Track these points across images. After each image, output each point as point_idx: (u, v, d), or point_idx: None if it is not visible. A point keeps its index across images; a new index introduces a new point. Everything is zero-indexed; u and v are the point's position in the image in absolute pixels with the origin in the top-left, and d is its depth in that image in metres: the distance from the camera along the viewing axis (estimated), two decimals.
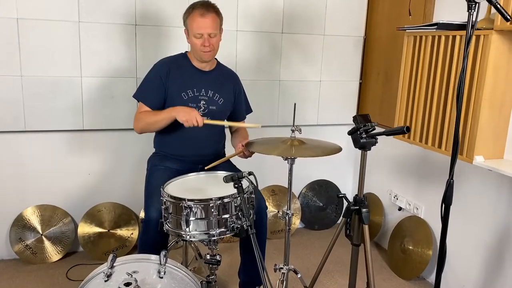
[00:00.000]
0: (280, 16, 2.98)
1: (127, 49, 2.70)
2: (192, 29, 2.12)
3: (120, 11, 2.64)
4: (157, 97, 2.19)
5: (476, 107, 2.07)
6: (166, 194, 1.81)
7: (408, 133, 2.50)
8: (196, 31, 2.11)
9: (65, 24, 2.56)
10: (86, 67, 2.64)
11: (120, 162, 2.90)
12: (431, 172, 2.70)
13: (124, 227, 2.91)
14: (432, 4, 2.62)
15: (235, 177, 1.71)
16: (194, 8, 2.12)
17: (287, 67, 3.09)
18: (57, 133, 2.72)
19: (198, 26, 2.10)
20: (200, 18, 2.09)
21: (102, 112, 2.73)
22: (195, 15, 2.10)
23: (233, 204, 1.80)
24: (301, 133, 2.00)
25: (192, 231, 1.79)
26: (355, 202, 1.78)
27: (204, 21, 2.10)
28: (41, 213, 2.77)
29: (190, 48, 2.23)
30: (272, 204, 3.25)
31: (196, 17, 2.10)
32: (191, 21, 2.12)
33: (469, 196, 2.40)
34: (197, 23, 2.10)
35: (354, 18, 3.15)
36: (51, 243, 2.78)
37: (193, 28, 2.11)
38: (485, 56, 2.01)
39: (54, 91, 2.61)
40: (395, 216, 3.04)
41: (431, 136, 2.33)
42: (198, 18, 2.10)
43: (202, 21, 2.10)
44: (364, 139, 1.65)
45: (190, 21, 2.13)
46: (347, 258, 2.03)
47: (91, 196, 2.88)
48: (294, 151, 1.89)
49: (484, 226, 2.33)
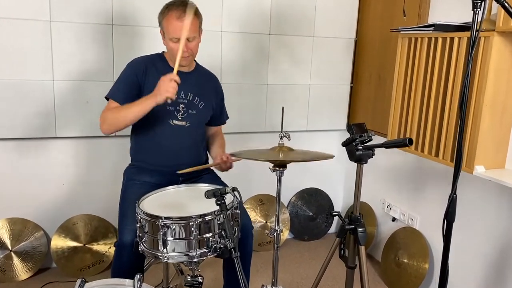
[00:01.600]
0: (267, 16, 2.82)
1: (103, 51, 2.51)
2: (169, 32, 1.92)
3: (95, 10, 2.45)
4: (128, 94, 1.95)
5: (477, 114, 1.94)
6: (141, 211, 1.64)
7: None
8: (173, 35, 1.91)
9: (35, 24, 2.36)
10: (58, 70, 2.45)
11: (96, 171, 2.70)
12: (427, 181, 2.57)
13: (102, 240, 2.72)
14: (427, 4, 2.49)
15: (217, 193, 1.55)
16: (170, 9, 1.91)
17: (275, 70, 2.93)
18: (27, 140, 2.52)
19: (175, 30, 1.89)
20: (177, 21, 1.88)
21: (76, 118, 2.54)
22: (171, 18, 1.90)
23: (215, 222, 1.63)
24: (290, 140, 1.83)
25: (170, 252, 1.62)
26: (350, 221, 1.62)
27: (181, 24, 1.87)
28: (10, 227, 2.57)
29: (167, 50, 2.05)
30: (259, 214, 3.09)
31: (173, 20, 1.89)
32: (167, 23, 1.92)
33: (469, 208, 2.27)
34: (173, 27, 1.89)
35: (345, 19, 3.01)
36: (21, 260, 2.57)
37: (169, 32, 1.92)
38: (486, 59, 1.89)
39: (23, 96, 2.41)
40: (388, 227, 2.90)
41: (427, 144, 2.21)
42: (175, 21, 1.89)
43: (179, 24, 1.88)
44: (360, 151, 1.50)
45: (166, 24, 1.92)
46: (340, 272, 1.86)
47: (65, 208, 2.68)
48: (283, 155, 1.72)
49: (485, 239, 2.20)
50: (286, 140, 1.85)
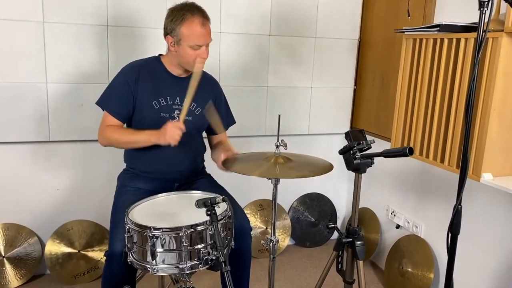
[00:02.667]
0: (267, 17, 2.74)
1: (98, 52, 2.45)
2: (190, 40, 1.84)
3: (90, 10, 2.39)
4: (123, 107, 1.93)
5: (484, 119, 1.85)
6: (130, 221, 1.57)
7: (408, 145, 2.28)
8: (197, 42, 1.85)
9: (28, 25, 2.30)
10: (52, 72, 2.39)
11: (91, 176, 2.64)
12: (432, 188, 2.47)
13: (97, 247, 2.65)
14: (433, 4, 2.40)
15: (207, 203, 1.47)
16: (191, 15, 1.83)
17: (275, 73, 2.84)
18: (20, 144, 2.46)
19: (200, 37, 1.85)
20: (202, 29, 1.84)
21: (70, 121, 2.47)
22: (195, 25, 1.83)
23: (207, 233, 1.56)
24: (286, 149, 1.75)
25: (160, 264, 1.54)
26: (348, 233, 1.53)
27: (205, 31, 1.86)
28: (4, 233, 2.51)
29: (173, 56, 1.94)
30: (259, 220, 3.01)
31: (197, 27, 1.83)
32: (188, 31, 1.83)
33: (476, 218, 2.17)
34: (198, 34, 1.84)
35: (348, 19, 2.92)
36: (14, 267, 2.51)
37: (191, 39, 1.84)
38: (494, 61, 1.79)
39: (16, 99, 2.36)
40: (392, 234, 2.80)
41: (432, 149, 2.11)
42: (200, 29, 1.84)
43: (204, 31, 1.85)
44: (358, 160, 1.41)
45: (186, 31, 1.83)
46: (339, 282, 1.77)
47: (60, 213, 2.62)
48: (279, 170, 1.64)
49: (492, 251, 2.10)
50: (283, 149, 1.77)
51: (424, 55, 2.13)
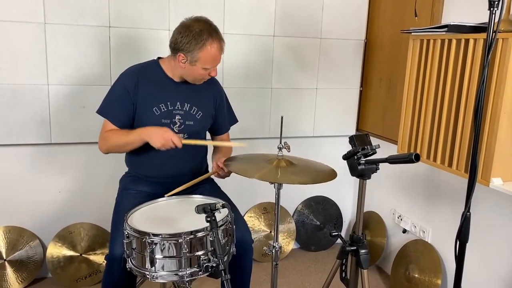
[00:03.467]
0: (271, 18, 2.70)
1: (100, 54, 2.42)
2: (206, 63, 1.83)
3: (91, 11, 2.36)
4: (124, 114, 1.90)
5: (494, 122, 1.79)
6: (129, 226, 1.53)
7: (415, 148, 2.23)
8: (212, 65, 1.85)
9: (29, 26, 2.28)
10: (53, 74, 2.37)
11: (93, 178, 2.61)
12: (440, 192, 2.41)
13: (99, 250, 2.63)
14: (440, 3, 2.35)
15: (207, 209, 1.43)
16: (210, 40, 1.80)
17: (280, 74, 2.80)
18: (21, 147, 2.44)
19: (214, 61, 1.85)
20: (218, 53, 1.84)
21: (72, 123, 2.45)
22: (214, 50, 1.81)
23: (208, 239, 1.52)
24: (289, 151, 1.71)
25: (159, 270, 1.51)
26: (352, 241, 1.48)
27: (220, 55, 1.86)
28: (5, 236, 2.49)
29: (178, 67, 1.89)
30: (264, 223, 2.97)
31: (215, 51, 1.82)
32: (206, 55, 1.81)
33: (485, 224, 2.11)
34: (214, 58, 1.84)
35: (354, 20, 2.87)
36: (15, 270, 2.49)
37: (207, 62, 1.83)
38: (504, 62, 1.73)
39: (17, 101, 2.33)
40: (399, 239, 2.75)
41: (440, 153, 2.06)
42: (217, 54, 1.84)
43: (219, 56, 1.86)
44: (363, 166, 1.36)
45: (203, 54, 1.80)
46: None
47: (61, 216, 2.59)
48: (280, 174, 1.60)
49: (502, 258, 2.04)
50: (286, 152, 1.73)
51: (431, 56, 2.08)
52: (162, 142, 1.76)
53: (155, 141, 1.77)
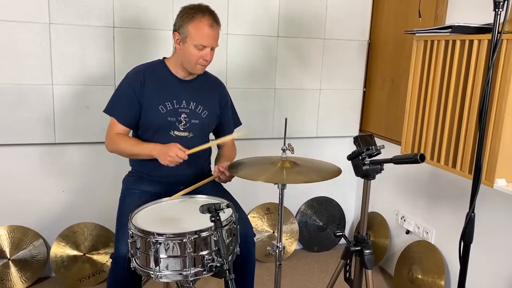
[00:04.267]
0: (275, 18, 2.71)
1: (104, 54, 2.43)
2: (195, 38, 1.83)
3: (96, 12, 2.37)
4: (130, 113, 1.93)
5: (498, 123, 1.79)
6: (133, 226, 1.54)
7: (418, 149, 2.23)
8: (201, 42, 1.84)
9: (34, 26, 2.29)
10: (58, 74, 2.38)
11: (97, 178, 2.62)
12: (444, 193, 2.41)
13: (102, 249, 2.64)
14: (444, 4, 2.35)
15: (212, 209, 1.43)
16: (201, 15, 1.83)
17: (283, 74, 2.80)
18: (26, 147, 2.45)
19: (205, 38, 1.84)
20: (210, 30, 1.84)
21: (76, 123, 2.46)
22: (203, 25, 1.83)
23: (212, 239, 1.52)
24: (293, 153, 1.71)
25: (163, 270, 1.52)
26: (356, 242, 1.49)
27: (213, 33, 1.85)
28: (9, 235, 2.50)
29: (177, 55, 1.93)
30: (266, 223, 2.97)
31: (205, 27, 1.83)
32: (195, 29, 1.83)
33: (489, 225, 2.11)
34: (204, 34, 1.83)
35: (357, 20, 2.88)
36: (19, 269, 2.50)
37: (196, 38, 1.83)
38: (509, 63, 1.73)
39: (22, 101, 2.34)
40: (402, 240, 2.75)
41: (443, 154, 2.06)
42: (207, 29, 1.83)
43: (211, 33, 1.85)
44: (367, 166, 1.37)
45: (194, 29, 1.83)
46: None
47: (65, 216, 2.60)
48: (286, 175, 1.60)
49: (506, 258, 2.04)
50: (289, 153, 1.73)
51: (435, 57, 2.08)
52: (169, 160, 1.80)
53: (162, 160, 1.82)
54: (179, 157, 1.79)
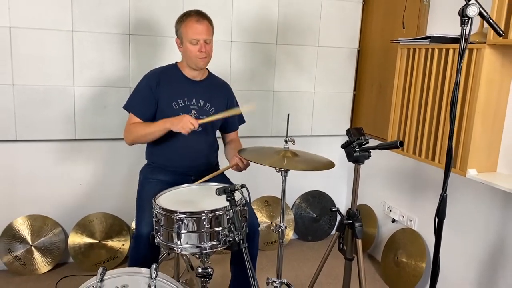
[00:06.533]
0: (274, 27, 2.99)
1: (120, 59, 2.68)
2: (188, 35, 2.12)
3: (114, 20, 2.63)
4: (147, 108, 2.18)
5: (469, 120, 2.07)
6: (158, 206, 1.79)
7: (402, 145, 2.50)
8: (192, 36, 2.11)
9: (58, 33, 2.54)
10: (79, 77, 2.63)
11: (112, 172, 2.87)
12: (425, 184, 2.70)
13: (116, 238, 2.87)
14: (425, 17, 2.64)
15: (227, 190, 1.69)
16: (188, 15, 2.14)
17: (281, 78, 3.09)
18: (48, 142, 2.69)
19: (195, 32, 2.11)
20: (197, 24, 2.11)
21: (94, 121, 2.71)
22: (191, 22, 2.11)
23: (225, 217, 1.78)
24: (294, 144, 1.98)
25: (184, 244, 1.77)
26: (349, 216, 1.77)
27: (200, 27, 2.11)
28: (31, 224, 2.73)
29: (183, 57, 2.22)
30: (265, 215, 3.23)
31: (193, 23, 2.11)
32: (186, 28, 2.12)
33: (462, 209, 2.40)
34: (193, 29, 2.11)
35: (348, 30, 3.16)
36: (41, 254, 2.74)
37: (188, 34, 2.11)
38: (478, 70, 2.01)
39: (46, 100, 2.59)
40: (388, 228, 3.03)
41: (424, 148, 2.33)
42: (195, 24, 2.11)
43: (199, 27, 2.11)
44: (358, 153, 1.65)
45: (185, 28, 2.12)
46: (340, 270, 2.01)
47: (82, 206, 2.84)
48: (286, 163, 1.87)
49: (477, 240, 2.32)
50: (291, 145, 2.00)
51: (417, 63, 2.35)
52: (181, 125, 2.02)
53: (175, 126, 2.04)
54: (191, 123, 2.01)
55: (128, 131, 2.19)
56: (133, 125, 2.18)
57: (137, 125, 2.17)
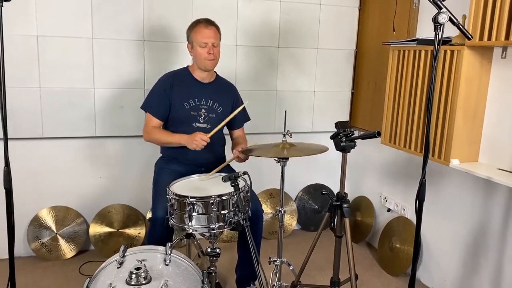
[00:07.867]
0: (276, 32, 3.22)
1: (136, 63, 2.94)
2: (197, 39, 2.37)
3: (130, 28, 2.88)
4: (162, 108, 2.44)
5: (452, 115, 2.27)
6: (172, 192, 2.04)
7: (395, 139, 2.71)
8: (202, 40, 2.36)
9: (80, 40, 2.81)
10: (98, 79, 2.89)
11: (128, 166, 3.13)
12: (416, 175, 2.90)
13: (132, 227, 3.13)
14: (415, 20, 2.85)
15: (231, 177, 1.93)
16: (198, 22, 2.40)
17: (283, 79, 3.31)
18: (71, 139, 2.96)
19: (204, 36, 2.36)
20: (206, 29, 2.37)
21: (112, 120, 2.96)
22: (200, 27, 2.38)
23: (230, 201, 2.02)
24: (291, 137, 2.22)
25: (195, 225, 2.01)
26: (337, 198, 2.00)
27: (209, 31, 2.37)
28: (55, 214, 3.00)
29: (193, 60, 2.47)
30: (270, 206, 3.47)
31: (202, 28, 2.37)
32: (196, 33, 2.38)
33: (447, 197, 2.61)
34: (202, 34, 2.36)
35: (345, 33, 3.38)
36: (65, 241, 3.00)
37: (198, 38, 2.37)
38: (458, 69, 2.21)
39: (70, 101, 2.86)
40: (384, 217, 3.24)
41: (413, 141, 2.53)
42: (203, 29, 2.37)
43: (207, 31, 2.37)
44: (344, 143, 1.88)
45: (195, 34, 2.38)
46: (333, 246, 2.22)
47: (102, 198, 3.10)
48: (286, 152, 2.12)
49: (461, 224, 2.53)
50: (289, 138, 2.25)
51: (406, 63, 2.55)
52: (195, 144, 2.27)
53: (190, 145, 2.30)
54: (203, 140, 2.26)
55: (148, 132, 2.45)
56: (155, 130, 2.44)
57: (158, 132, 2.44)
